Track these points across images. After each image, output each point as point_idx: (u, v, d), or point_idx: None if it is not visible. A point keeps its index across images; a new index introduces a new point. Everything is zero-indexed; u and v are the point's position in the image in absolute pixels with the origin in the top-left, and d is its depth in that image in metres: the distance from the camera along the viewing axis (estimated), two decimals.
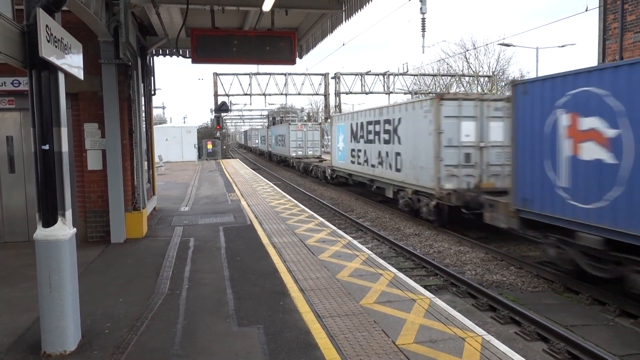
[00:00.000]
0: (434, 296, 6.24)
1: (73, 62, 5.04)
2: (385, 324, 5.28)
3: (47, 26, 4.29)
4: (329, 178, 24.95)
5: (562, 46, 30.03)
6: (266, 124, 61.54)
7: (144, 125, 11.59)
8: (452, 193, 12.59)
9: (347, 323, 5.33)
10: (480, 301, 8.00)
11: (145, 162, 11.60)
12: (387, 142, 16.83)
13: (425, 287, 7.48)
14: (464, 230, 12.87)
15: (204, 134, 62.44)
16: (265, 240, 9.56)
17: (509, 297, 8.11)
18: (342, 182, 23.38)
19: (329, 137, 23.87)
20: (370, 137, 18.48)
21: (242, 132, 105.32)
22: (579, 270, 8.43)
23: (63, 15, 5.11)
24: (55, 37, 4.49)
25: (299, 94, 40.59)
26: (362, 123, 19.58)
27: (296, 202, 15.23)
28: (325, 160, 31.46)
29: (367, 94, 40.30)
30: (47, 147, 4.51)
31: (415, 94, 40.08)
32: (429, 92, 44.51)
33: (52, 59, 4.43)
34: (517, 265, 9.95)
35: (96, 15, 7.59)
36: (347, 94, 40.50)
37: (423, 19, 21.92)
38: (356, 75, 40.22)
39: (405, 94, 41.33)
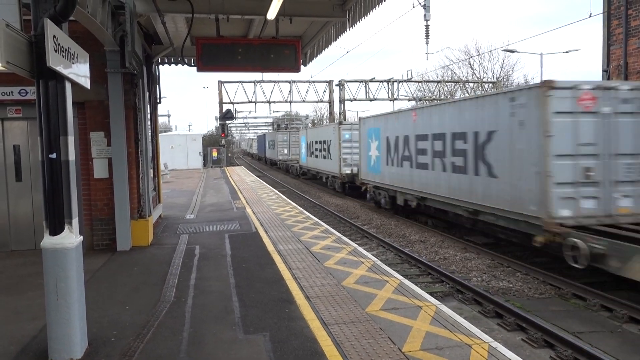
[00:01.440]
0: (440, 303, 6.22)
1: (80, 72, 5.09)
2: (391, 331, 5.26)
3: (54, 36, 4.34)
4: None
5: (567, 52, 29.96)
6: (300, 125, 49.75)
7: (150, 134, 11.65)
8: None
9: (353, 330, 5.32)
10: (486, 308, 7.96)
11: (151, 170, 11.64)
12: None
13: (431, 294, 7.45)
14: (470, 236, 12.83)
15: (209, 141, 62.59)
16: (270, 247, 9.56)
17: (516, 304, 8.06)
18: None
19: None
20: None
21: (255, 137, 76.86)
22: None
23: (70, 25, 5.16)
24: (62, 47, 4.54)
25: (304, 101, 40.80)
26: None
27: (301, 209, 15.23)
28: None
29: (371, 100, 40.45)
30: (54, 155, 4.55)
31: (420, 100, 40.11)
32: (434, 99, 44.53)
33: (59, 69, 4.48)
34: (524, 271, 9.89)
35: (102, 25, 7.66)
36: (351, 100, 40.66)
37: (427, 26, 22.01)
38: (360, 82, 40.39)
39: (409, 100, 41.40)
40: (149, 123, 11.54)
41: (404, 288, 6.80)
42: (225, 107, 38.55)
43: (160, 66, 13.81)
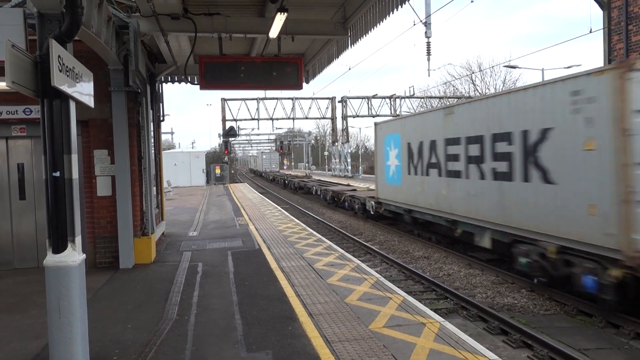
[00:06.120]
0: (444, 320, 6.17)
1: (84, 90, 5.14)
2: (394, 349, 5.22)
3: (59, 56, 4.39)
4: None
5: (568, 67, 30.01)
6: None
7: (153, 151, 11.71)
8: None
9: (356, 348, 5.28)
10: (491, 325, 7.89)
11: (154, 188, 11.67)
12: None
13: (435, 310, 7.40)
14: (474, 252, 12.76)
15: (212, 158, 62.74)
16: (273, 264, 9.53)
17: (521, 321, 7.99)
18: None
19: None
20: None
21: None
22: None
23: (74, 44, 5.22)
24: (67, 66, 4.59)
25: (306, 117, 40.96)
26: None
27: (304, 225, 15.21)
28: None
29: (374, 117, 40.53)
30: (57, 174, 4.57)
31: None
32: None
33: (64, 88, 4.52)
34: (529, 287, 9.82)
35: (107, 44, 7.75)
36: (354, 117, 40.81)
37: (428, 43, 22.21)
38: (363, 98, 40.57)
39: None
40: (152, 141, 11.60)
41: (407, 305, 6.76)
42: (228, 124, 38.71)
43: (164, 84, 13.94)
